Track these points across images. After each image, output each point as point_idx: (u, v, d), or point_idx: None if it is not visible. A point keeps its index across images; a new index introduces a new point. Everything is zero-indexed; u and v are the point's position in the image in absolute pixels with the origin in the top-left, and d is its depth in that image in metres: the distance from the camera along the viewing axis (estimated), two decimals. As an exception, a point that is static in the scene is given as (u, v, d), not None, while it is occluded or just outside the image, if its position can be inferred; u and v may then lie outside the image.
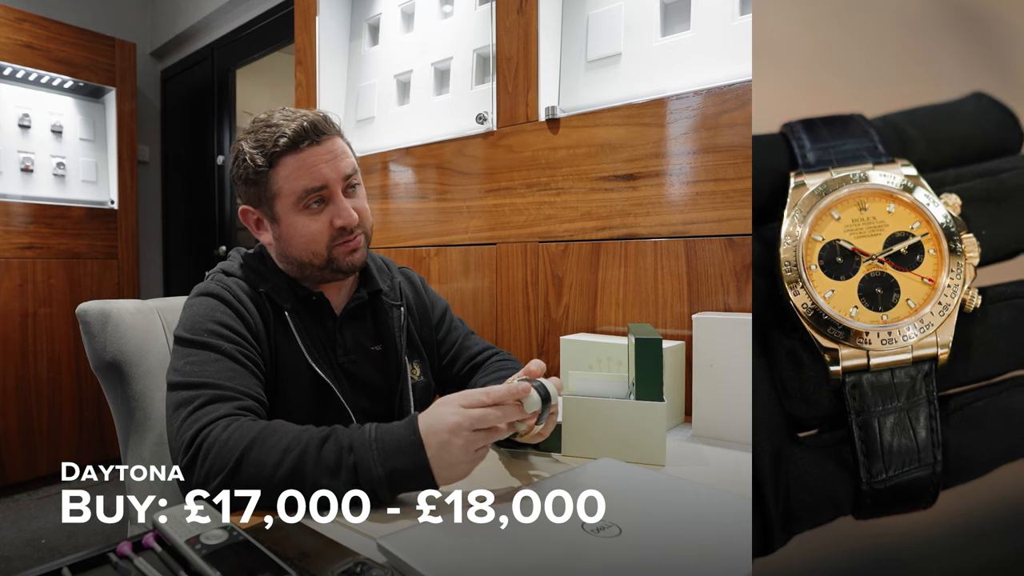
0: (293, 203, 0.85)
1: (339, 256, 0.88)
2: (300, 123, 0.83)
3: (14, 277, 2.72)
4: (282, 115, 0.85)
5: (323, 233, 0.86)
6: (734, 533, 0.57)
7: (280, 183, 0.85)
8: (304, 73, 1.98)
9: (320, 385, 0.87)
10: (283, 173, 0.84)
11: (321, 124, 0.85)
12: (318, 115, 0.86)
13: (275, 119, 0.85)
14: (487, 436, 0.67)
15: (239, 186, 0.89)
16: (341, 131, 0.89)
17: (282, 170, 0.84)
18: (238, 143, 0.87)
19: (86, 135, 3.03)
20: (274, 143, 0.83)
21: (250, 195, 0.88)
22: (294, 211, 0.86)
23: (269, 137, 0.83)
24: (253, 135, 0.85)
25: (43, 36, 2.80)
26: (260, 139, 0.84)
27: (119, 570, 0.51)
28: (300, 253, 0.88)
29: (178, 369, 0.78)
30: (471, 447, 0.65)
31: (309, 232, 0.86)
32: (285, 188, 0.85)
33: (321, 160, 0.84)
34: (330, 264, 0.88)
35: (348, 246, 0.88)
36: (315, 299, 0.91)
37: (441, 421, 0.66)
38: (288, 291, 0.90)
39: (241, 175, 0.87)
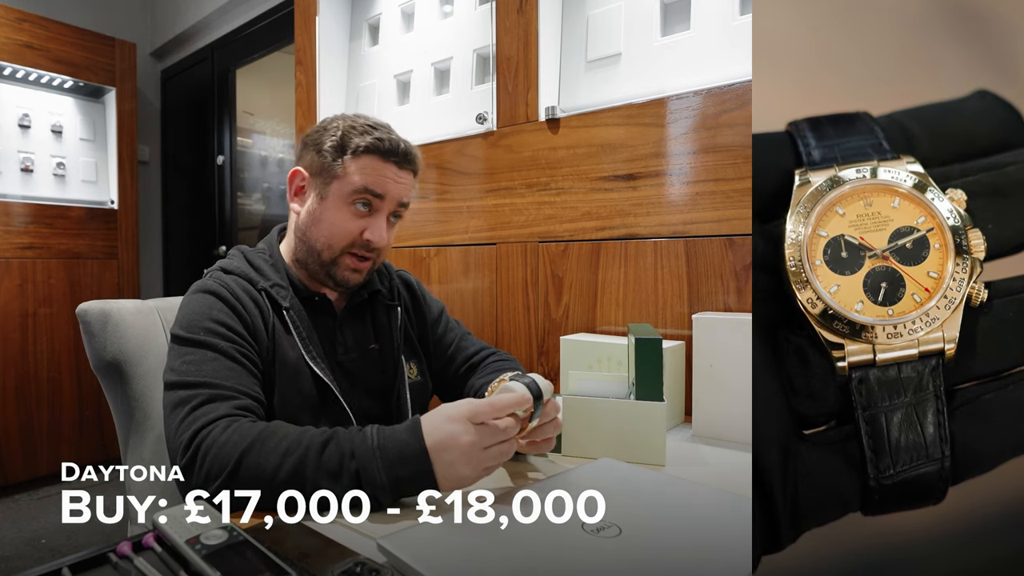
0: (347, 193, 0.87)
1: (343, 266, 0.90)
2: (399, 143, 0.89)
3: (14, 277, 2.72)
4: (387, 127, 0.92)
5: (350, 235, 0.88)
6: (734, 533, 0.57)
7: (349, 171, 0.87)
8: (304, 73, 1.99)
9: (318, 384, 0.87)
10: (359, 165, 0.87)
11: (412, 155, 0.91)
12: (413, 147, 0.92)
13: (379, 124, 0.91)
14: (499, 456, 0.67)
15: (308, 150, 0.91)
16: (417, 172, 0.94)
17: (359, 163, 0.87)
18: (335, 119, 0.91)
19: (86, 135, 3.03)
20: (368, 139, 0.87)
21: (314, 164, 0.90)
22: (343, 201, 0.88)
23: (370, 133, 0.88)
24: (353, 122, 0.90)
25: (43, 36, 2.80)
26: (359, 129, 0.88)
27: (119, 570, 0.51)
28: (319, 238, 0.89)
29: (175, 368, 0.77)
30: (480, 467, 0.66)
31: (341, 227, 0.88)
32: (350, 177, 0.87)
33: (393, 178, 0.89)
34: (332, 266, 0.89)
35: (357, 263, 0.90)
36: (317, 299, 0.92)
37: (453, 440, 0.65)
38: (289, 290, 0.90)
39: (318, 143, 0.89)
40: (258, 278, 0.89)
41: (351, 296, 0.95)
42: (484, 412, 0.66)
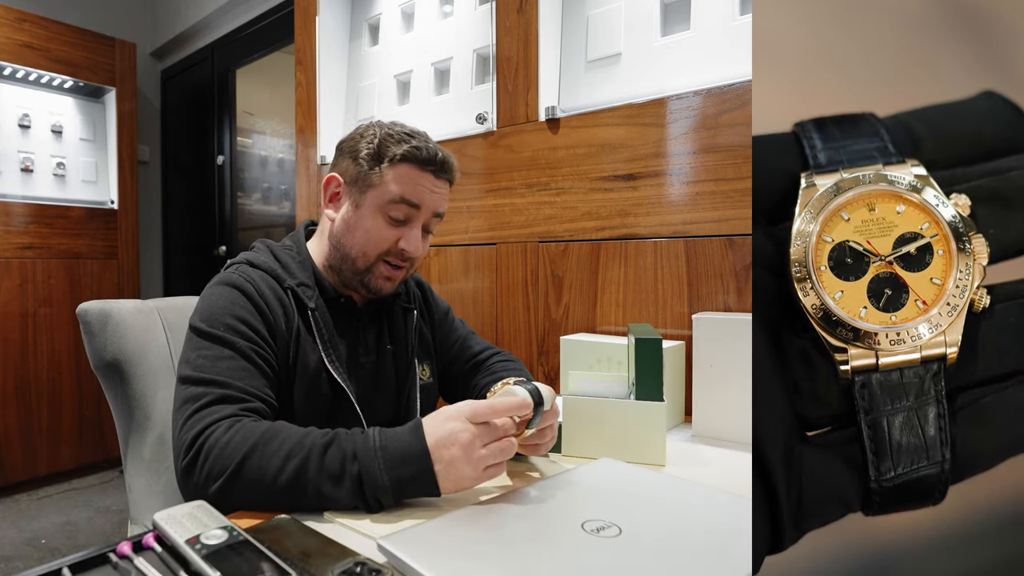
0: (384, 203, 0.87)
1: (378, 274, 0.89)
2: (436, 152, 0.88)
3: (14, 277, 2.72)
4: (424, 135, 0.91)
5: (385, 243, 0.88)
6: (734, 533, 0.57)
7: (386, 180, 0.86)
8: (304, 73, 1.99)
9: (335, 387, 0.86)
10: (395, 173, 0.86)
11: (450, 164, 0.90)
12: (451, 157, 0.91)
13: (419, 133, 0.90)
14: (498, 453, 0.66)
15: (343, 157, 0.90)
16: (453, 182, 0.93)
17: (396, 171, 0.86)
18: (372, 126, 0.90)
19: (86, 135, 3.03)
20: (406, 148, 0.86)
21: (349, 171, 0.89)
22: (378, 210, 0.87)
23: (407, 141, 0.87)
24: (390, 129, 0.89)
25: (43, 36, 2.80)
26: (396, 137, 0.87)
27: (119, 570, 0.51)
28: (354, 246, 0.88)
29: (190, 361, 0.77)
30: (480, 465, 0.65)
31: (377, 236, 0.87)
32: (387, 186, 0.86)
33: (430, 188, 0.88)
34: (367, 273, 0.89)
35: (392, 271, 0.89)
36: (343, 300, 0.91)
37: (453, 437, 0.65)
38: (316, 290, 0.89)
39: (355, 151, 0.88)
40: (285, 276, 0.87)
41: (373, 299, 0.95)
42: (483, 412, 0.66)
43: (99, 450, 2.94)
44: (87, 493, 2.74)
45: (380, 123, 0.91)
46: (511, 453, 0.68)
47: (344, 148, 0.91)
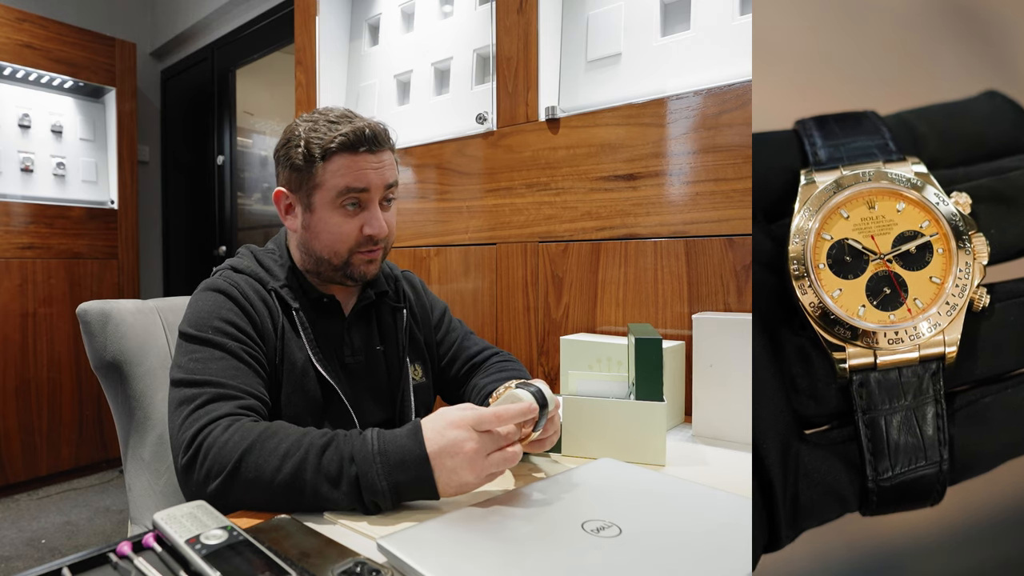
0: (332, 198, 0.86)
1: (357, 263, 0.89)
2: (363, 129, 0.85)
3: (14, 277, 2.72)
4: (346, 115, 0.87)
5: (351, 236, 0.87)
6: (734, 533, 0.57)
7: (326, 177, 0.85)
8: (304, 73, 1.98)
9: (324, 385, 0.87)
10: (332, 168, 0.85)
11: (381, 135, 0.87)
12: (378, 126, 0.87)
13: (338, 116, 0.87)
14: (502, 462, 0.66)
15: (283, 169, 0.89)
16: (394, 146, 0.90)
17: (332, 165, 0.85)
18: (295, 127, 0.88)
19: (86, 135, 3.03)
20: (332, 139, 0.84)
21: (291, 180, 0.88)
22: (330, 207, 0.86)
23: (329, 131, 0.85)
24: (312, 124, 0.86)
25: (43, 36, 2.80)
26: (320, 131, 0.85)
27: (119, 570, 0.51)
28: (322, 248, 0.88)
29: (181, 366, 0.78)
30: (484, 473, 0.65)
31: (339, 231, 0.87)
32: (329, 182, 0.85)
33: (370, 166, 0.86)
34: (346, 267, 0.89)
35: (368, 255, 0.89)
36: (326, 300, 0.92)
37: (456, 447, 0.64)
38: (299, 291, 0.90)
39: (288, 159, 0.87)
40: (268, 278, 0.89)
41: (359, 298, 0.95)
42: (489, 421, 0.65)
43: (99, 450, 2.94)
44: (87, 493, 2.74)
45: (304, 117, 0.89)
46: (516, 461, 0.67)
47: (279, 158, 0.90)
